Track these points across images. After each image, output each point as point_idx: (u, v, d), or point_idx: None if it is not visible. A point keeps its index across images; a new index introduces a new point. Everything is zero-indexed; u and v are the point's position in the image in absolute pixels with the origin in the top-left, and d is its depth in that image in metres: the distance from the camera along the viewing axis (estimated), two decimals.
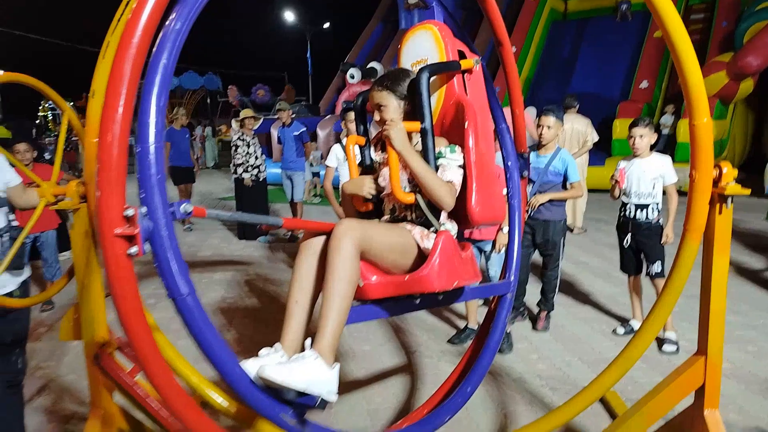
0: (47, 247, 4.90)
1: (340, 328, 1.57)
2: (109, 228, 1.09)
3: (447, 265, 1.78)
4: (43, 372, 3.66)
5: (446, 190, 1.86)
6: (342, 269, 1.59)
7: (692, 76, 1.88)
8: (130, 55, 1.10)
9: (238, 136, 6.94)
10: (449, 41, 1.97)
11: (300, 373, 1.41)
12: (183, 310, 1.20)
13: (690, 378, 2.04)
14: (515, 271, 2.30)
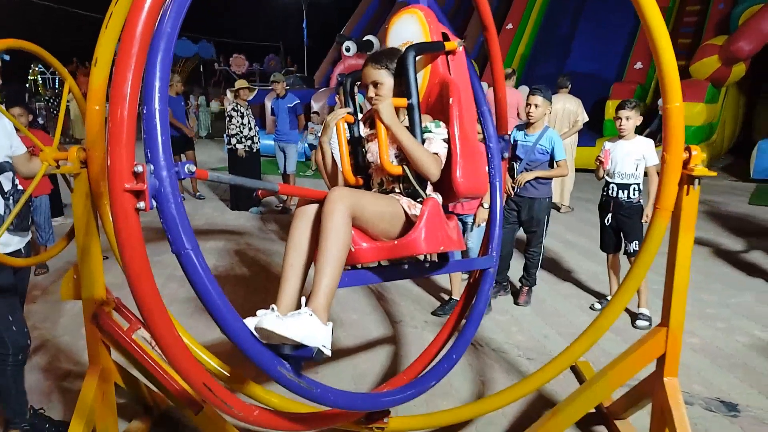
0: (41, 212, 4.98)
1: (333, 288, 1.66)
2: (119, 183, 1.16)
3: (433, 229, 1.89)
4: (39, 332, 3.77)
5: (432, 160, 1.96)
6: (335, 232, 1.67)
7: (666, 61, 1.98)
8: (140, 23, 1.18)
9: (233, 107, 6.96)
10: (433, 24, 2.06)
11: (297, 327, 1.48)
12: (186, 264, 1.27)
13: (652, 347, 2.19)
14: (497, 247, 2.42)
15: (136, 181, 1.18)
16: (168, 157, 1.22)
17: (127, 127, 1.17)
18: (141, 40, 1.18)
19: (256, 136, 7.15)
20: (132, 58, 1.18)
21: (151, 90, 1.20)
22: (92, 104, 2.12)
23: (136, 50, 1.18)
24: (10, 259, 2.34)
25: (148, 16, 1.19)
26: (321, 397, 1.65)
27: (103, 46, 2.03)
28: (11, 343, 2.47)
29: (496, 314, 4.18)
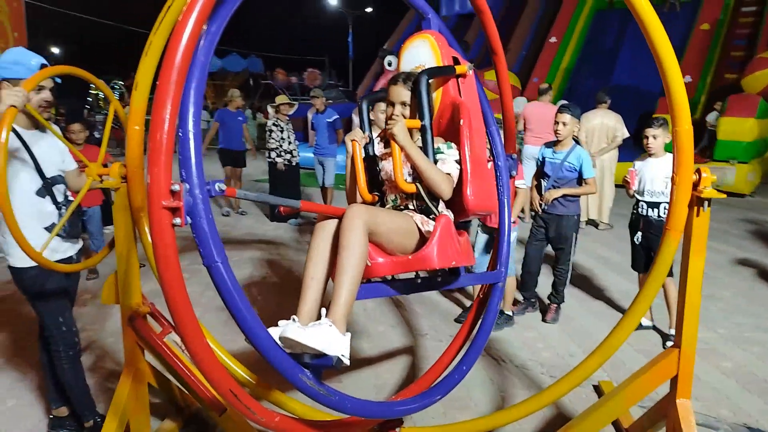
0: (93, 221, 5.29)
1: (351, 300, 1.75)
2: (157, 200, 1.25)
3: (445, 245, 1.99)
4: (87, 334, 4.03)
5: (444, 180, 2.05)
6: (353, 247, 1.76)
7: (674, 83, 2.00)
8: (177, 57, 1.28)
9: (273, 122, 7.22)
10: (444, 49, 2.16)
11: (317, 337, 1.58)
12: (216, 276, 1.36)
13: (664, 368, 2.18)
14: (505, 262, 2.47)
15: (173, 199, 1.27)
16: (200, 176, 1.31)
17: (165, 149, 1.26)
18: (179, 69, 1.28)
19: (295, 149, 7.38)
20: (171, 85, 1.26)
21: (186, 114, 1.31)
22: (132, 124, 2.31)
23: (175, 78, 1.27)
24: (60, 266, 2.55)
25: (186, 47, 1.28)
26: (338, 405, 1.73)
27: (142, 71, 2.22)
28: (62, 340, 2.68)
29: (523, 330, 4.18)
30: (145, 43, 2.29)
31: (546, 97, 7.50)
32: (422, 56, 2.23)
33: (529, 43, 15.61)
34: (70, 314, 2.76)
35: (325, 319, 1.68)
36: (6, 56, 2.49)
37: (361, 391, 3.28)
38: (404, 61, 2.31)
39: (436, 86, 2.18)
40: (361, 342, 3.97)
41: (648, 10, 1.95)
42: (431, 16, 2.30)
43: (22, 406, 3.13)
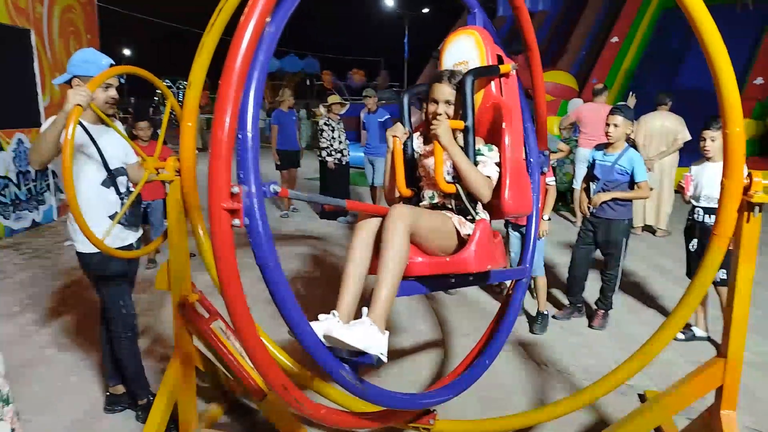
0: (155, 213, 5.57)
1: (392, 299, 1.80)
2: (217, 201, 1.27)
3: (483, 249, 2.03)
4: (144, 319, 4.26)
5: (485, 183, 2.08)
6: (396, 248, 1.81)
7: (727, 84, 1.93)
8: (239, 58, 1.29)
9: (324, 121, 7.37)
10: (489, 46, 2.16)
11: (359, 336, 1.65)
12: (269, 277, 1.40)
13: (709, 378, 2.11)
14: (530, 259, 2.48)
15: (233, 201, 1.29)
16: (257, 178, 1.32)
17: (226, 151, 1.28)
18: (240, 72, 1.29)
19: (346, 149, 7.50)
20: (232, 87, 1.28)
21: (245, 116, 1.32)
22: (186, 122, 2.45)
23: (236, 80, 1.28)
24: (119, 252, 2.71)
25: (247, 48, 1.29)
26: (373, 397, 1.80)
27: (195, 71, 2.35)
28: (122, 322, 2.86)
29: (568, 336, 4.10)
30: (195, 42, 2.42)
31: (601, 98, 7.29)
32: (467, 52, 2.24)
33: (589, 43, 15.18)
34: (130, 298, 2.94)
35: (367, 318, 1.74)
36: (78, 56, 2.68)
37: (399, 386, 3.32)
38: (447, 55, 2.32)
39: (480, 86, 2.19)
40: (403, 338, 4.01)
41: (698, 4, 1.88)
42: (477, 11, 2.31)
43: (83, 383, 3.36)
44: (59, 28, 7.85)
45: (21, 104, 7.23)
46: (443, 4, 31.89)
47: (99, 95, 2.61)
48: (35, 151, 2.44)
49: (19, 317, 4.33)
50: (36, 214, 7.38)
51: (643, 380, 3.45)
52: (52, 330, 4.10)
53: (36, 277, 5.29)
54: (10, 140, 6.95)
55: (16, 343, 3.87)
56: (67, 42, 8.02)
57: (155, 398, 2.62)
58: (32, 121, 7.23)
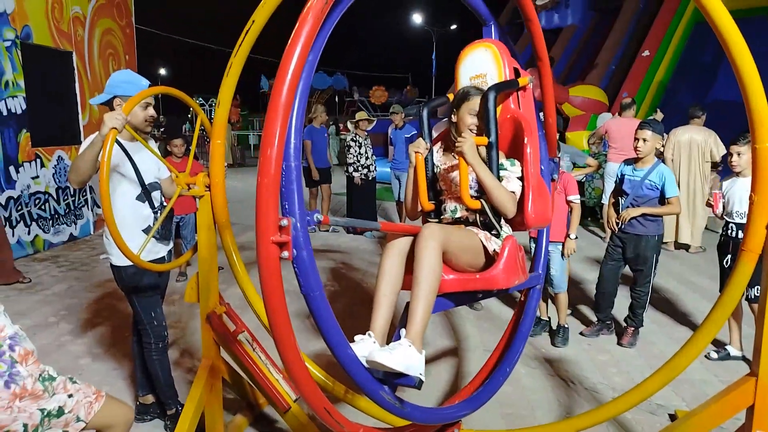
0: (186, 227, 5.71)
1: (427, 318, 1.82)
2: (266, 235, 1.27)
3: (511, 267, 2.06)
4: (173, 331, 4.36)
5: (510, 199, 2.10)
6: (430, 267, 1.82)
7: (755, 98, 1.90)
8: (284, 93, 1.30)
9: (351, 137, 7.46)
10: (506, 59, 2.18)
11: (401, 359, 1.66)
12: (313, 305, 1.42)
13: (740, 396, 2.05)
14: (542, 265, 2.51)
15: (281, 234, 1.29)
16: (302, 209, 1.34)
17: (273, 185, 1.27)
18: (284, 107, 1.28)
19: (372, 164, 7.57)
20: (278, 122, 1.28)
21: (289, 147, 1.34)
22: (215, 139, 2.53)
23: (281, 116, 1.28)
24: (151, 264, 2.79)
25: (291, 82, 1.29)
26: (411, 415, 1.86)
27: (224, 91, 2.43)
28: (153, 333, 2.94)
29: (596, 353, 4.03)
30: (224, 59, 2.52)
31: (629, 112, 7.21)
32: (484, 66, 2.26)
33: (619, 57, 15.02)
34: (161, 310, 3.02)
35: (405, 340, 1.76)
36: (118, 77, 2.80)
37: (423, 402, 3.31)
38: (463, 68, 2.34)
39: (499, 100, 2.22)
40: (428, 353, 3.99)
41: (722, 13, 1.87)
42: (492, 23, 2.33)
43: (114, 392, 3.44)
44: (99, 50, 8.19)
45: (62, 123, 7.55)
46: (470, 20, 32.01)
47: (138, 114, 2.73)
48: (74, 171, 2.55)
49: (55, 328, 4.48)
50: (73, 228, 7.64)
51: (674, 400, 3.37)
52: (86, 340, 4.23)
53: (72, 289, 5.47)
54: (51, 157, 7.24)
55: (53, 353, 4.00)
56: (107, 63, 8.35)
57: (183, 408, 2.68)
58: (72, 139, 7.54)
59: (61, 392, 1.98)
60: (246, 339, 2.72)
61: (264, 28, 2.24)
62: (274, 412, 3.14)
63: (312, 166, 7.76)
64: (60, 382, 2.00)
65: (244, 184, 13.40)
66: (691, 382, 3.59)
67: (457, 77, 2.40)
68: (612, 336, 4.30)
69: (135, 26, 9.31)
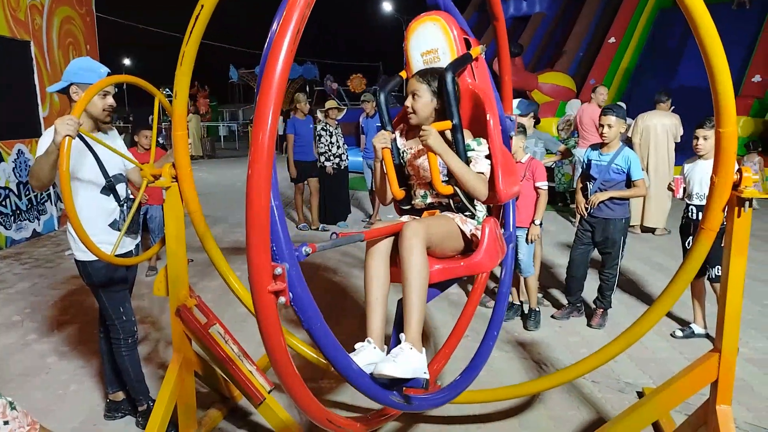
0: (154, 220, 5.59)
1: (423, 317, 1.86)
2: (262, 285, 1.23)
3: (492, 248, 2.08)
4: (144, 326, 4.28)
5: (480, 181, 2.10)
6: (417, 267, 1.85)
7: (723, 84, 1.90)
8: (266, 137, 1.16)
9: (322, 126, 7.38)
10: (455, 31, 2.13)
11: (405, 365, 1.69)
12: (316, 334, 1.42)
13: (704, 372, 2.12)
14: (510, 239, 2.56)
15: (276, 282, 1.26)
16: (290, 249, 1.31)
17: (263, 231, 1.20)
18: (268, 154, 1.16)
19: (344, 153, 7.51)
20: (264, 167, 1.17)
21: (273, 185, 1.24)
22: (176, 130, 2.48)
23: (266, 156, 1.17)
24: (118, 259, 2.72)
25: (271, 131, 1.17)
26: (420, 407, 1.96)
27: (179, 81, 2.37)
28: (122, 329, 2.87)
29: (567, 335, 4.11)
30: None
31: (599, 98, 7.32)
32: (434, 41, 2.20)
33: (586, 44, 15.22)
34: (130, 304, 2.94)
35: (406, 344, 1.79)
36: (76, 64, 2.71)
37: None
38: (413, 44, 2.26)
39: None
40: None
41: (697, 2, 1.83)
42: None
43: (82, 391, 3.37)
44: (58, 39, 7.92)
45: (21, 115, 7.29)
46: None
47: (97, 103, 2.64)
48: (34, 177, 2.49)
49: (20, 327, 4.36)
50: (36, 224, 7.42)
51: (642, 378, 3.46)
52: (52, 339, 4.12)
53: (36, 287, 5.32)
54: (11, 151, 7.00)
55: (17, 352, 3.89)
56: (67, 53, 8.08)
57: (155, 403, 2.64)
58: (32, 132, 7.28)
59: None
60: (218, 332, 2.68)
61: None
62: (248, 405, 3.11)
63: (291, 163, 7.36)
64: (0, 406, 1.89)
65: (214, 175, 13.21)
66: (657, 361, 3.69)
67: (407, 54, 2.32)
68: (582, 318, 4.38)
69: (96, 14, 9.02)
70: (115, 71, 2.73)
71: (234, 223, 8.27)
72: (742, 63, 12.32)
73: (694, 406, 2.42)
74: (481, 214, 2.24)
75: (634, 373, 3.51)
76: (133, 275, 3.07)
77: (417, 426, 2.97)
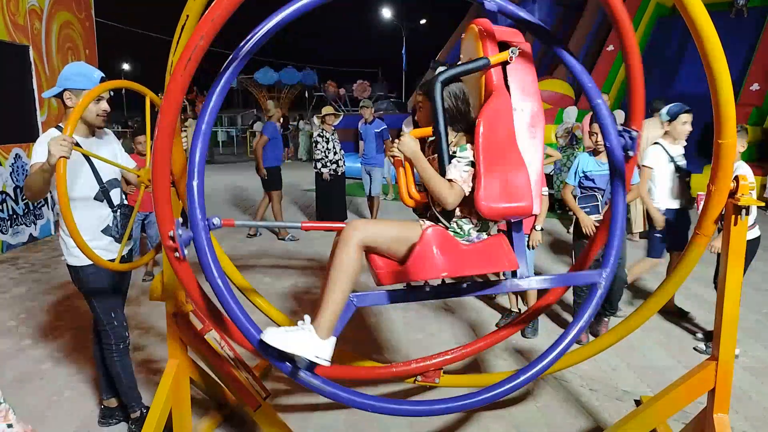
0: (152, 225, 5.57)
1: (335, 309, 1.91)
2: (166, 244, 1.75)
3: (426, 257, 1.88)
4: (140, 331, 4.26)
5: (445, 189, 1.97)
6: (342, 262, 1.91)
7: (725, 96, 1.89)
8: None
9: (318, 133, 7.37)
10: (488, 39, 2.01)
11: (294, 341, 1.81)
12: (219, 294, 1.74)
13: (701, 380, 2.11)
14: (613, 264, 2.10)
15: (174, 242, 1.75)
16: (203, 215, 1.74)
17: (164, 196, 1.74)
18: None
19: (341, 159, 7.49)
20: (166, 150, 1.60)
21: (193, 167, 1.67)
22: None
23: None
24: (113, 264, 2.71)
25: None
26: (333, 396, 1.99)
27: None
28: (113, 334, 2.85)
29: None
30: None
31: None
32: (467, 50, 2.16)
33: (584, 52, 15.28)
34: (122, 310, 2.93)
35: (309, 325, 1.88)
36: (70, 69, 2.70)
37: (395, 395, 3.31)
38: (462, 56, 2.26)
39: (478, 77, 2.08)
40: (401, 351, 4.00)
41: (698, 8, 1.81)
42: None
43: (77, 397, 3.35)
44: (57, 44, 7.92)
45: (19, 120, 7.28)
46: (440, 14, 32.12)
47: (91, 108, 2.63)
48: (28, 190, 2.51)
49: (15, 332, 4.33)
50: (33, 228, 7.40)
51: (640, 386, 3.45)
52: (47, 344, 4.09)
53: (32, 292, 5.30)
54: (8, 155, 6.98)
55: (12, 358, 3.87)
56: (65, 57, 8.08)
57: (149, 410, 2.61)
58: (30, 137, 7.26)
59: (1, 420, 1.88)
60: (214, 338, 2.67)
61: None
62: (244, 411, 3.10)
63: (260, 164, 7.10)
64: (3, 410, 1.88)
65: (212, 180, 13.19)
66: (655, 369, 3.68)
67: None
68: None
69: (95, 19, 9.03)
70: (114, 76, 2.74)
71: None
72: (740, 71, 12.36)
73: (691, 415, 2.41)
74: (467, 227, 2.09)
75: (632, 382, 3.50)
76: (126, 281, 3.05)
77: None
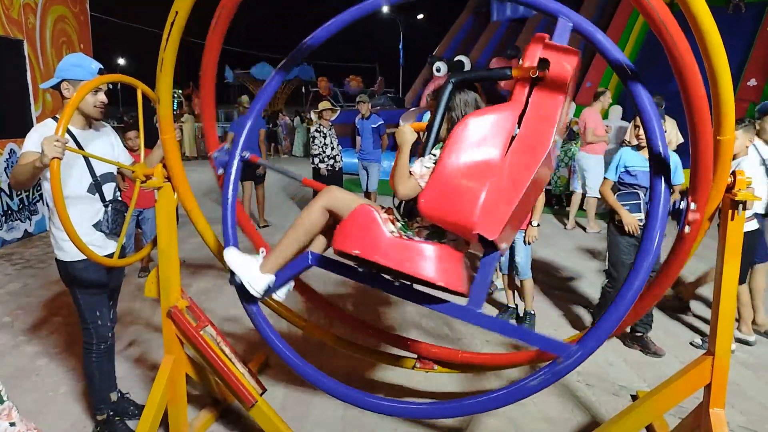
0: (147, 221, 5.55)
1: (284, 254, 2.25)
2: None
3: (349, 229, 2.03)
4: (136, 327, 4.25)
5: (401, 178, 2.06)
6: (303, 217, 2.23)
7: (725, 92, 1.87)
8: None
9: (315, 128, 7.35)
10: (532, 51, 1.95)
11: (240, 263, 2.25)
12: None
13: (697, 375, 2.11)
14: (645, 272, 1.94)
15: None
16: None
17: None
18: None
19: (338, 155, 7.47)
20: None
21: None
22: (164, 134, 2.50)
23: None
24: (107, 260, 2.69)
25: None
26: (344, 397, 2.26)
27: (161, 87, 2.36)
28: (96, 334, 2.79)
29: (563, 337, 4.09)
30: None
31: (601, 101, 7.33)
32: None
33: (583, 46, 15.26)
34: (108, 309, 2.86)
35: (261, 257, 2.29)
36: (68, 60, 2.67)
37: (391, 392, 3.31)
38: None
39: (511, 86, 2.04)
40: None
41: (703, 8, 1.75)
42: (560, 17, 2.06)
43: (73, 392, 3.34)
44: (52, 38, 7.87)
45: (13, 114, 7.22)
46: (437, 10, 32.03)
47: (88, 99, 2.60)
48: (14, 180, 2.53)
49: (10, 328, 4.31)
50: (28, 224, 7.37)
51: (636, 381, 3.45)
52: (43, 340, 4.08)
53: (27, 288, 5.27)
54: (3, 150, 6.94)
55: (7, 354, 3.85)
56: (60, 52, 8.02)
57: (145, 406, 2.61)
58: (24, 131, 7.16)
59: (4, 419, 1.87)
60: (210, 334, 2.66)
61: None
62: (240, 407, 3.09)
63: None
64: (6, 408, 1.88)
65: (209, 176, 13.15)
66: (651, 364, 3.69)
67: None
68: (581, 321, 4.37)
69: (90, 13, 8.97)
70: (109, 71, 2.70)
71: None
72: (738, 67, 12.36)
73: (687, 410, 2.41)
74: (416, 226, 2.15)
75: (628, 377, 3.51)
76: (117, 278, 2.98)
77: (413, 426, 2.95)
